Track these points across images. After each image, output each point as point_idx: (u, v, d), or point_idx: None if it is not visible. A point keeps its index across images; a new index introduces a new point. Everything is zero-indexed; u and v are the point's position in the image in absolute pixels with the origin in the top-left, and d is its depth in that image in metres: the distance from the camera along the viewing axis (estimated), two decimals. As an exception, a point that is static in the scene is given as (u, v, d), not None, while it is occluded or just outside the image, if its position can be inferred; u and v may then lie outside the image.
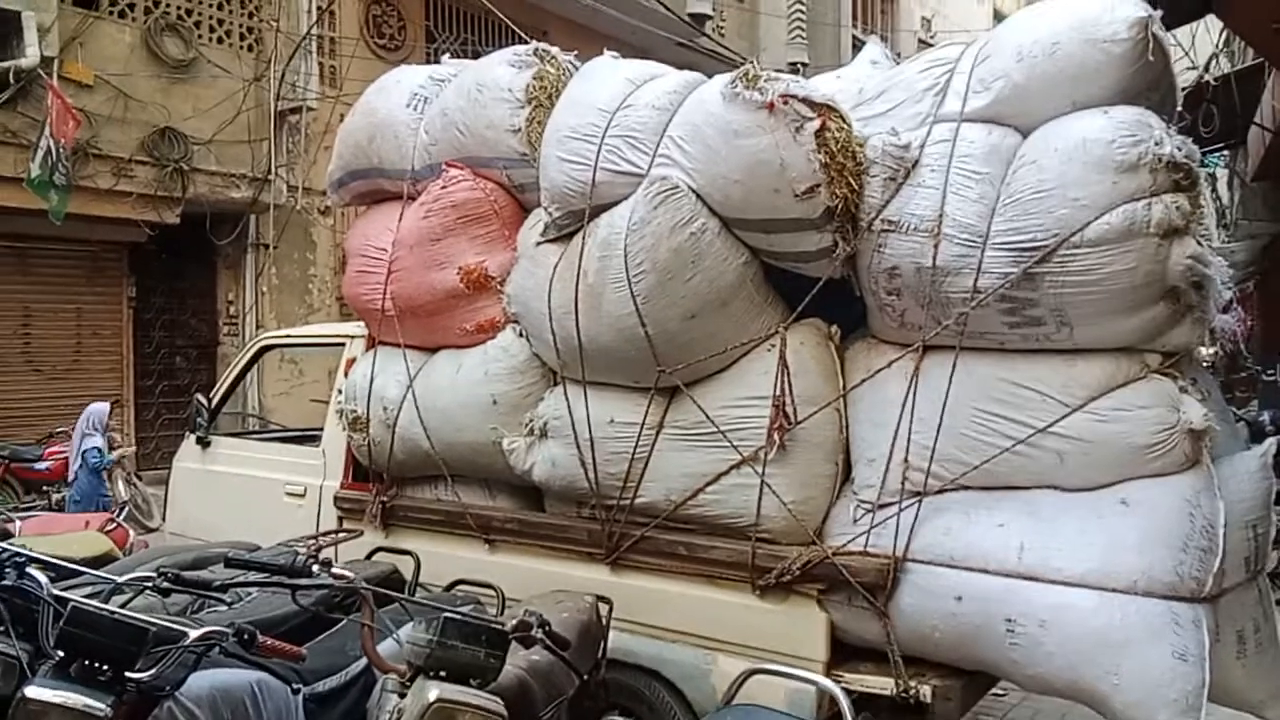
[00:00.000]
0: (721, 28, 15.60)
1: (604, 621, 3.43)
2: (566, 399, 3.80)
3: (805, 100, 3.13)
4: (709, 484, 3.49)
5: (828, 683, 2.77)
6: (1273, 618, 3.37)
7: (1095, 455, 3.01)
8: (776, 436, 3.31)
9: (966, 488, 3.19)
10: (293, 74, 10.72)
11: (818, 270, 3.36)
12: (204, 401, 5.37)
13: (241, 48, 10.66)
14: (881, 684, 3.20)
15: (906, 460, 3.22)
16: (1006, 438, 3.09)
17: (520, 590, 3.60)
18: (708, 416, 3.48)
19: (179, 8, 10.11)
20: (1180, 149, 2.89)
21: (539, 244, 3.86)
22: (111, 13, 9.71)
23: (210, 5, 10.37)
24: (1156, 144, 2.86)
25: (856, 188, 3.17)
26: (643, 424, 3.61)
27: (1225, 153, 12.79)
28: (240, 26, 10.66)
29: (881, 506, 3.26)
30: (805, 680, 2.77)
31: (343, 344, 4.89)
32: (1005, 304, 3.04)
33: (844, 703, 2.62)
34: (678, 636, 3.57)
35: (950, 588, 3.10)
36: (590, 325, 3.58)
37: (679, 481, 3.56)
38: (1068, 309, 2.98)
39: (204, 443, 5.34)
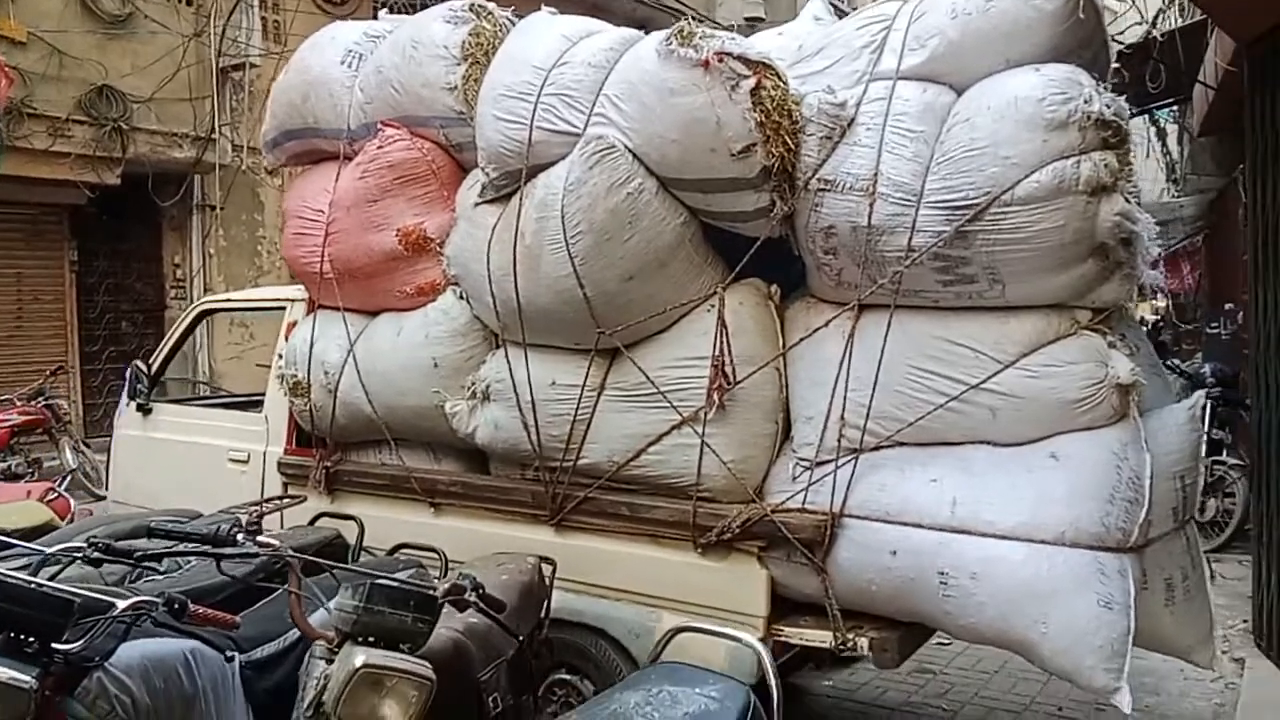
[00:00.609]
0: (677, -19, 15.37)
1: (547, 582, 3.44)
2: (508, 361, 3.78)
3: (740, 58, 3.09)
4: (650, 445, 3.51)
5: (749, 638, 2.81)
6: (1200, 566, 3.46)
7: (1026, 410, 3.06)
8: (716, 396, 3.33)
9: (902, 444, 3.23)
10: (234, 29, 10.42)
11: (756, 230, 3.35)
12: (144, 368, 5.27)
13: (180, 2, 10.34)
14: (821, 637, 3.28)
15: (843, 418, 3.25)
16: (940, 394, 3.13)
17: (465, 553, 3.59)
18: (648, 377, 3.48)
19: (113, -40, 9.78)
20: (1109, 106, 2.91)
21: (477, 205, 3.81)
22: (43, -34, 9.36)
23: (146, -42, 10.05)
24: (1086, 102, 2.88)
25: (793, 146, 3.15)
26: (584, 386, 3.60)
27: (1176, 108, 12.88)
28: (178, -20, 10.34)
29: (819, 464, 3.30)
30: (729, 637, 2.81)
31: (284, 308, 4.82)
32: (939, 262, 3.06)
33: (766, 659, 2.66)
34: (622, 595, 3.61)
35: (886, 542, 3.14)
36: (529, 287, 3.55)
37: (621, 442, 3.57)
38: (999, 266, 3.00)
39: (145, 410, 5.25)
